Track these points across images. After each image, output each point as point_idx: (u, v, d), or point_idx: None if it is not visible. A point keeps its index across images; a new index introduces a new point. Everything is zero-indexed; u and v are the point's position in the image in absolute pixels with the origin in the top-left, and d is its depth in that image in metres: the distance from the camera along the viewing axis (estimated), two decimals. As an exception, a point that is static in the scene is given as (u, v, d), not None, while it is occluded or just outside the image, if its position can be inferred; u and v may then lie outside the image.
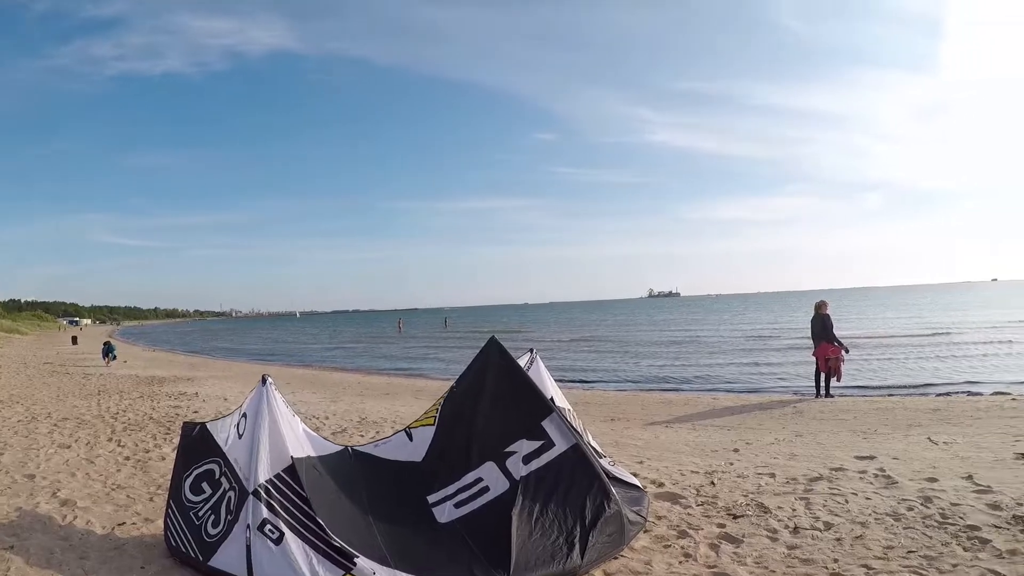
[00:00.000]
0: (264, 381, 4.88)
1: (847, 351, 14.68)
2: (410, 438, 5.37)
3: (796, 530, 5.31)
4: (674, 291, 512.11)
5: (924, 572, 4.35)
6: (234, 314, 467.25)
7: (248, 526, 4.29)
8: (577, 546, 4.54)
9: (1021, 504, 5.65)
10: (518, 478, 4.87)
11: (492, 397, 5.27)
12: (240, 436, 4.85)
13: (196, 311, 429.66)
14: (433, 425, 5.33)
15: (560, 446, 5.07)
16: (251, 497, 4.39)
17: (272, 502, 4.36)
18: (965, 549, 4.73)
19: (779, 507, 5.92)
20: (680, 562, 4.76)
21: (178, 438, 5.70)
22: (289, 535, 4.21)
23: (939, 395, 16.15)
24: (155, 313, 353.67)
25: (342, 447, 5.36)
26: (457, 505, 4.85)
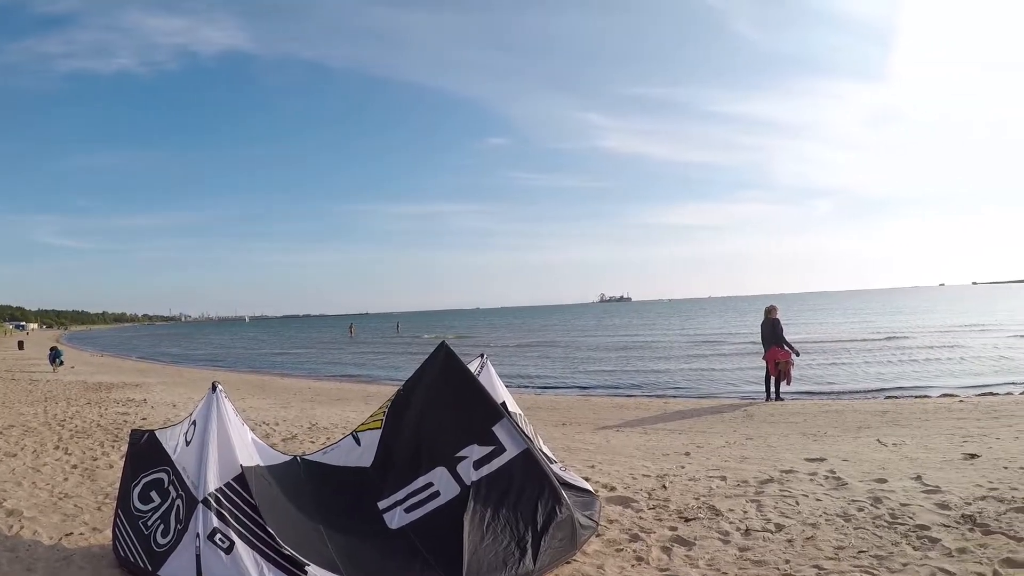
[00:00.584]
0: (214, 388, 4.79)
1: (797, 355, 14.96)
2: (358, 442, 5.33)
3: (747, 532, 5.36)
4: (626, 296, 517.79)
5: (875, 571, 4.41)
6: (183, 318, 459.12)
7: (198, 535, 4.22)
8: (529, 551, 4.54)
9: (969, 504, 5.78)
10: (469, 483, 4.87)
11: (442, 402, 5.27)
12: (188, 444, 4.76)
13: (145, 315, 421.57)
14: (380, 428, 5.29)
15: (511, 451, 5.07)
16: (201, 506, 4.32)
17: (222, 511, 4.30)
18: (915, 548, 4.81)
19: (730, 509, 5.98)
20: (632, 565, 4.77)
21: (126, 446, 5.56)
22: (239, 544, 4.16)
23: (888, 398, 16.54)
24: (103, 317, 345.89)
25: (291, 456, 5.30)
26: (408, 510, 4.83)
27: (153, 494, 4.81)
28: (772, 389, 15.00)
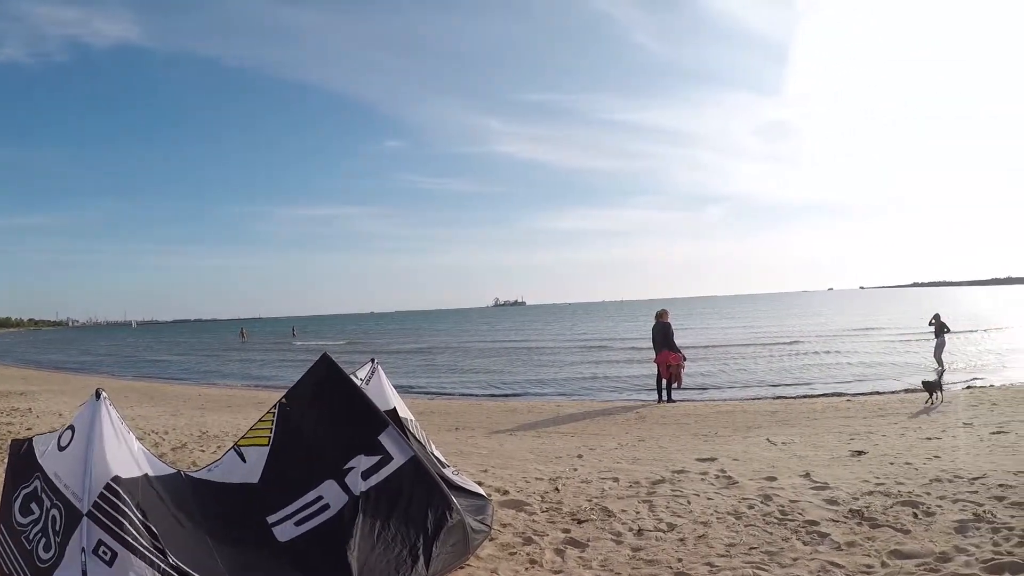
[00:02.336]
0: (98, 395, 4.53)
1: (685, 359, 15.54)
2: (243, 458, 5.20)
3: (640, 532, 5.46)
4: (520, 300, 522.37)
5: (766, 567, 4.56)
6: (71, 323, 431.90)
7: (83, 549, 4.03)
8: (421, 558, 4.59)
9: (857, 499, 6.09)
10: (358, 494, 4.86)
11: (327, 414, 5.25)
12: (62, 449, 4.53)
13: (31, 320, 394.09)
14: (267, 445, 5.20)
15: (398, 459, 5.09)
16: (85, 518, 4.11)
17: (106, 522, 4.11)
18: (805, 543, 5.02)
19: (623, 510, 6.08)
20: (526, 568, 4.80)
21: (7, 457, 5.20)
22: (123, 555, 4.00)
23: (777, 398, 17.34)
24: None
25: (175, 471, 5.10)
26: (297, 523, 4.78)
27: (33, 506, 4.57)
28: (664, 391, 15.45)
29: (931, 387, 12.78)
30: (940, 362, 22.69)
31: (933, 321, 22.86)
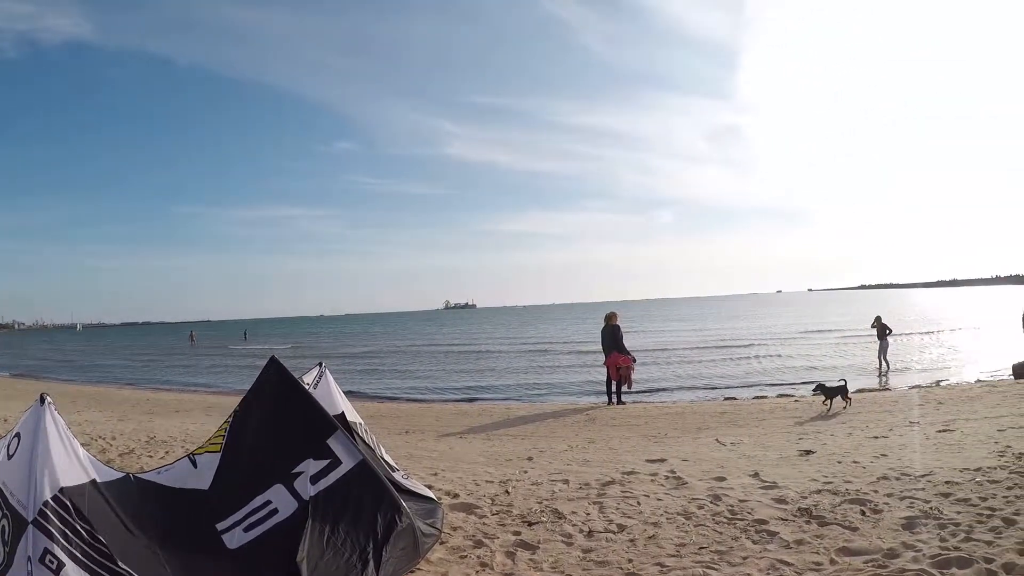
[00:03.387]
0: (42, 400, 4.39)
1: (634, 360, 15.69)
2: (195, 465, 5.16)
3: (591, 534, 5.47)
4: (470, 303, 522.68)
5: (716, 566, 4.60)
6: (17, 326, 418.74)
7: (29, 559, 3.94)
8: (371, 563, 4.58)
9: (806, 497, 6.18)
10: (307, 498, 4.86)
11: (275, 418, 5.22)
12: (10, 457, 4.41)
13: None
14: (219, 452, 5.17)
15: (347, 464, 5.09)
16: (31, 527, 4.02)
17: (52, 530, 4.02)
18: (754, 542, 5.07)
19: (573, 512, 6.09)
20: (477, 571, 4.80)
21: None
22: (70, 565, 3.92)
23: (727, 399, 17.59)
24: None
25: (124, 474, 5.01)
26: (247, 529, 4.76)
27: None
28: (613, 393, 15.56)
29: (829, 393, 13.05)
30: (884, 363, 23.35)
31: (875, 324, 23.54)
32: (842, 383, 12.97)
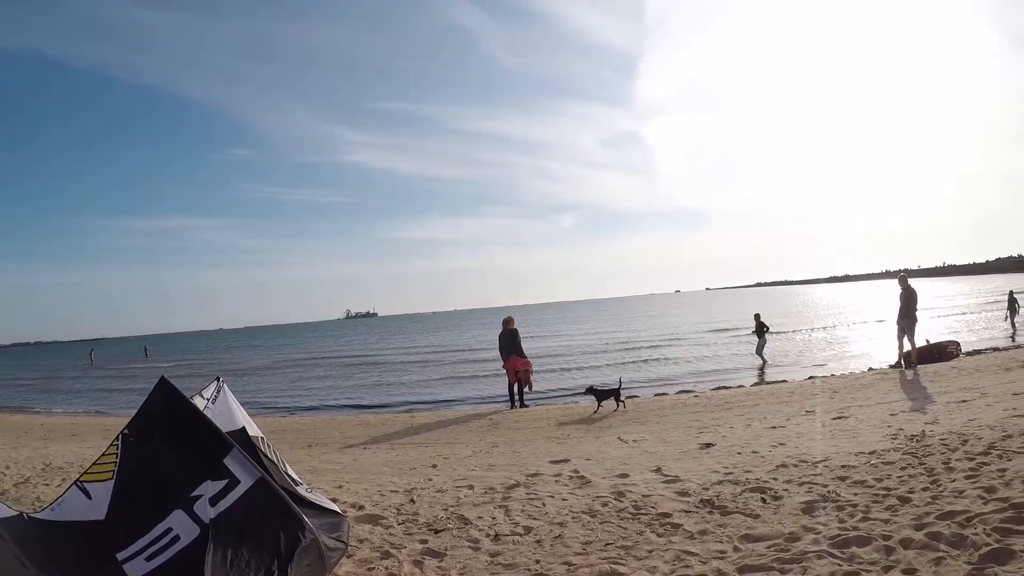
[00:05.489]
0: None
1: (530, 363, 15.87)
2: (87, 495, 4.91)
3: (497, 537, 5.47)
4: (371, 311, 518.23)
5: (623, 561, 4.65)
6: None
7: None
8: None
9: (707, 489, 6.35)
10: (208, 521, 4.69)
11: (169, 440, 5.03)
12: None
13: None
14: (111, 479, 4.93)
15: (245, 482, 4.92)
16: None
17: None
18: (659, 535, 5.17)
19: (479, 517, 6.08)
20: (385, 582, 4.73)
21: None
22: None
23: (628, 397, 17.83)
24: None
25: (17, 512, 4.76)
26: (148, 559, 4.57)
27: None
28: (515, 397, 15.64)
29: (601, 395, 13.66)
30: (762, 358, 24.40)
31: (754, 321, 24.62)
32: (616, 386, 13.56)
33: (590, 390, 13.80)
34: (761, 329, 24.55)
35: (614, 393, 13.40)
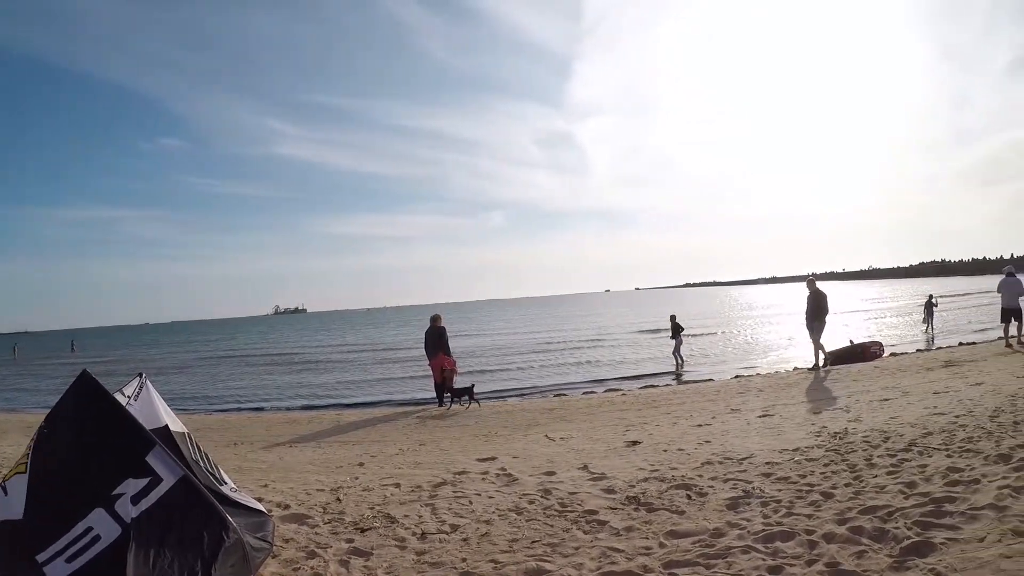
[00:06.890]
0: None
1: (455, 362, 16.01)
2: (4, 492, 4.74)
3: (424, 536, 5.45)
4: (300, 307, 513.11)
5: (549, 558, 4.68)
6: None
7: None
8: None
9: (633, 486, 6.42)
10: (129, 521, 4.56)
11: (89, 436, 4.87)
12: None
13: None
14: (25, 473, 4.75)
15: (168, 480, 4.81)
16: None
17: None
18: (585, 532, 5.21)
19: (406, 515, 6.05)
20: (311, 582, 4.69)
21: None
22: None
23: (556, 395, 18.07)
24: None
25: None
26: (69, 560, 4.43)
27: None
28: (445, 395, 15.63)
29: (456, 393, 14.57)
30: (679, 358, 24.84)
31: (670, 322, 25.09)
32: (471, 385, 14.06)
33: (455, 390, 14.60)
34: (677, 330, 24.91)
35: (468, 391, 14.26)
